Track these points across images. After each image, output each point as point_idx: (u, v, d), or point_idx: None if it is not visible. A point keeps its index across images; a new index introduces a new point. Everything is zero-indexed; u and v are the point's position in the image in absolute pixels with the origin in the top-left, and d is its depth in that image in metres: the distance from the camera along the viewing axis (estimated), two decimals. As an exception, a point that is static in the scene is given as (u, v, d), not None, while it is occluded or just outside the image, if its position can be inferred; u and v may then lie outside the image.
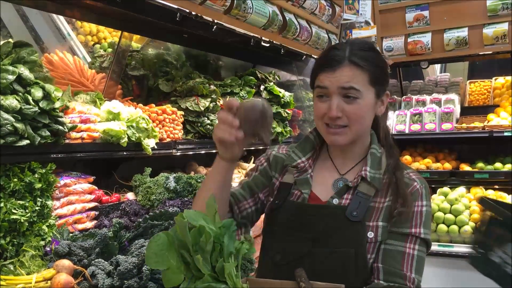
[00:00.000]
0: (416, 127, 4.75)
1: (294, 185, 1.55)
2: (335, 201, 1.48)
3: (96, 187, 2.50)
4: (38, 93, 1.97)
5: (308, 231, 1.45)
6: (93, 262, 1.99)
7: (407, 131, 4.78)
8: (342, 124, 1.44)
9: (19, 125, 1.88)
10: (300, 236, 1.46)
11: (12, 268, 1.89)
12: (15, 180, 1.97)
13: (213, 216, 1.16)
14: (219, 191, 1.41)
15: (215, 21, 2.77)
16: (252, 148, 3.76)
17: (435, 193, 4.58)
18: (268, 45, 3.45)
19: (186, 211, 1.13)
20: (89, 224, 2.39)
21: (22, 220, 1.94)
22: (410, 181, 1.49)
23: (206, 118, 3.11)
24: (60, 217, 2.24)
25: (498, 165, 4.54)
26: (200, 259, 1.06)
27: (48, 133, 2.02)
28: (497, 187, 4.59)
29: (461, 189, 4.63)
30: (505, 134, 4.29)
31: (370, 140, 1.56)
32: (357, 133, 1.49)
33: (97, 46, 3.41)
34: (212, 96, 3.15)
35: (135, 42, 3.46)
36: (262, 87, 3.89)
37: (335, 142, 1.48)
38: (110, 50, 3.31)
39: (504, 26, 4.31)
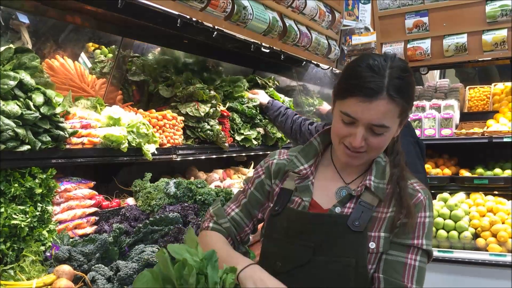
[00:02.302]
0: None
1: (294, 192, 1.54)
2: (338, 209, 1.47)
3: (96, 192, 2.50)
4: (39, 98, 1.98)
5: (309, 239, 1.45)
6: (93, 267, 1.99)
7: (406, 137, 4.79)
8: (360, 151, 1.43)
9: (20, 131, 1.89)
10: (301, 244, 1.45)
11: (12, 274, 1.89)
12: (16, 185, 1.97)
13: (195, 248, 1.17)
14: None
15: (216, 27, 2.79)
16: (252, 153, 3.77)
17: (435, 198, 4.58)
18: (268, 51, 3.46)
19: (170, 246, 1.14)
20: (89, 230, 2.39)
21: (22, 225, 1.94)
22: (414, 192, 1.48)
23: (206, 124, 3.12)
24: (60, 222, 2.24)
25: (497, 170, 4.55)
26: None
27: (49, 139, 2.02)
28: (496, 192, 4.60)
29: (461, 195, 4.64)
30: (505, 139, 4.31)
31: None
32: (371, 159, 1.49)
33: (98, 51, 3.42)
34: (212, 102, 3.16)
35: (136, 47, 3.47)
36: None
37: (349, 163, 1.48)
38: (110, 55, 3.32)
39: (503, 33, 4.32)
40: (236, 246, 1.59)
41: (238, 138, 3.46)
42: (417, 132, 4.74)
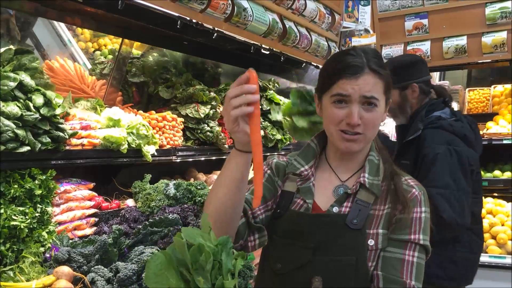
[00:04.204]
0: (415, 134, 4.75)
1: (296, 194, 1.54)
2: (335, 209, 1.48)
3: (96, 194, 2.50)
4: (39, 99, 1.98)
5: (308, 240, 1.45)
6: (92, 268, 1.99)
7: (406, 139, 4.79)
8: (359, 132, 1.44)
9: (20, 132, 1.89)
10: (300, 245, 1.46)
11: (11, 275, 1.89)
12: (16, 186, 1.98)
13: (208, 233, 1.17)
14: (237, 190, 1.34)
15: (216, 28, 2.79)
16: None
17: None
18: (268, 52, 3.46)
19: (184, 229, 1.13)
20: (89, 231, 2.39)
21: (22, 227, 1.94)
22: (408, 188, 1.49)
23: (206, 125, 3.12)
24: (60, 223, 2.24)
25: (497, 172, 4.55)
26: (202, 281, 1.07)
27: (48, 140, 2.02)
28: (496, 194, 4.61)
29: (460, 197, 4.63)
30: (504, 142, 4.31)
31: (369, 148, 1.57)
32: (369, 141, 1.50)
33: (98, 52, 3.42)
34: (212, 103, 3.16)
35: (136, 49, 3.48)
36: (262, 97, 3.90)
37: (350, 148, 1.48)
38: (110, 56, 3.32)
39: (503, 35, 4.33)
40: (249, 221, 1.50)
41: (237, 139, 3.46)
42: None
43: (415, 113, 2.75)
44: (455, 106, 4.91)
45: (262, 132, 3.70)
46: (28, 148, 1.94)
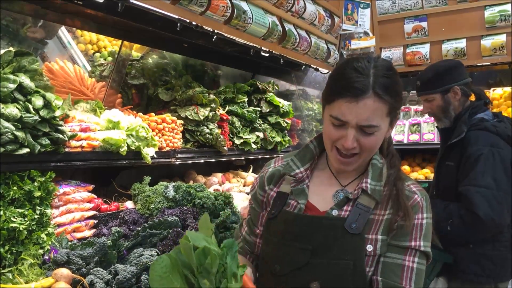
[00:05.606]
0: (414, 137, 4.76)
1: (290, 195, 1.54)
2: (335, 212, 1.47)
3: (95, 196, 2.50)
4: (38, 101, 1.98)
5: (307, 242, 1.45)
6: (91, 271, 1.99)
7: (405, 141, 4.80)
8: (354, 152, 1.42)
9: (19, 134, 1.89)
10: (298, 247, 1.45)
11: (10, 277, 1.89)
12: (15, 188, 1.97)
13: (210, 236, 1.17)
14: None
15: (215, 31, 2.79)
16: (251, 157, 3.77)
17: (434, 203, 4.57)
18: (267, 55, 3.47)
19: (189, 232, 1.13)
20: (88, 233, 2.39)
21: (21, 229, 1.94)
22: (410, 194, 1.48)
23: (205, 127, 3.12)
24: (59, 225, 2.24)
25: (496, 175, 4.54)
26: (207, 284, 1.07)
27: (48, 142, 2.02)
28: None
29: (460, 199, 4.62)
30: (503, 144, 4.30)
31: None
32: (365, 160, 1.49)
33: (97, 55, 3.42)
34: (212, 106, 3.16)
35: (135, 51, 3.48)
36: (262, 100, 3.91)
37: (343, 169, 1.48)
38: (110, 59, 3.32)
39: (502, 38, 4.34)
40: (255, 260, 1.67)
41: (237, 142, 3.46)
42: (416, 136, 4.74)
43: (458, 116, 2.81)
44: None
45: (261, 135, 3.70)
46: (28, 150, 1.94)
